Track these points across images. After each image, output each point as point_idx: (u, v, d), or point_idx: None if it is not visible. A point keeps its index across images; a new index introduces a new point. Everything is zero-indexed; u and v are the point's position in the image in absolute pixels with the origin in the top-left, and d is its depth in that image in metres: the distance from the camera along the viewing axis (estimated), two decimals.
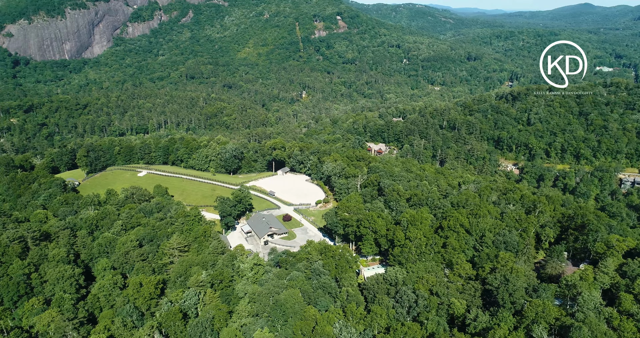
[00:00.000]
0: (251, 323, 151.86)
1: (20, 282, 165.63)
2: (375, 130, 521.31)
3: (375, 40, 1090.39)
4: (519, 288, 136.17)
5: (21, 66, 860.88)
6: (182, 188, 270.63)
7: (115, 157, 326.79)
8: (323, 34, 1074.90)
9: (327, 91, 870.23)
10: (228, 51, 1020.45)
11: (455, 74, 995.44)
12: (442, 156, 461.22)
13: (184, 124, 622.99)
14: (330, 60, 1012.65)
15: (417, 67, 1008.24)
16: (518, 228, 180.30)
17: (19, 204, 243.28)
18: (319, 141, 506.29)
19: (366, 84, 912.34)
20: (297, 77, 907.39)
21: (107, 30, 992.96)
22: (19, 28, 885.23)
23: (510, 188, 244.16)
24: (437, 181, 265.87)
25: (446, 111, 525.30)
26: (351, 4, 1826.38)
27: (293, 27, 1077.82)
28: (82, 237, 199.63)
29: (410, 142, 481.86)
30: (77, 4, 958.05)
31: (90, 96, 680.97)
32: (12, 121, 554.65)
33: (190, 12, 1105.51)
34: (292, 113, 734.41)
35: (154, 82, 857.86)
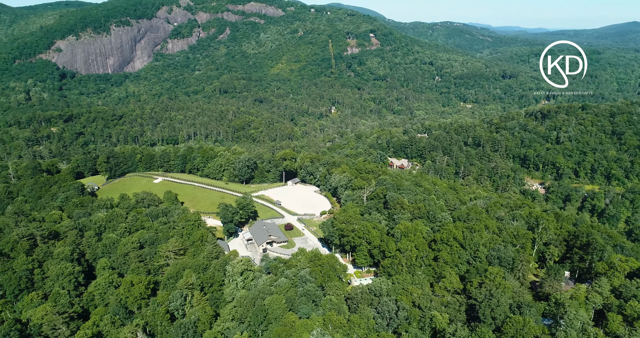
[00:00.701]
0: (233, 327, 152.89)
1: (22, 277, 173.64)
2: (398, 145, 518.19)
3: (407, 58, 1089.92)
4: (502, 304, 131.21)
5: (67, 79, 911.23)
6: (192, 195, 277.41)
7: (136, 164, 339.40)
8: (355, 51, 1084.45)
9: (356, 106, 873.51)
10: (262, 67, 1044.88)
11: (489, 91, 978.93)
12: (465, 173, 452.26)
13: (213, 136, 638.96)
14: (362, 76, 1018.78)
15: (449, 85, 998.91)
16: (515, 244, 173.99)
17: (38, 205, 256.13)
18: (341, 155, 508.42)
19: (396, 100, 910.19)
20: (327, 93, 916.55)
21: (148, 46, 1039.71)
22: (67, 44, 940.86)
23: (519, 205, 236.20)
24: (446, 195, 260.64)
25: (471, 128, 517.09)
26: (388, 22, 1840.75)
27: (326, 44, 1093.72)
28: (88, 237, 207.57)
29: (432, 158, 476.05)
30: (122, 21, 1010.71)
31: (127, 107, 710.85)
32: (52, 130, 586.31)
33: (227, 29, 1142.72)
34: (319, 128, 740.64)
35: (188, 96, 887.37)
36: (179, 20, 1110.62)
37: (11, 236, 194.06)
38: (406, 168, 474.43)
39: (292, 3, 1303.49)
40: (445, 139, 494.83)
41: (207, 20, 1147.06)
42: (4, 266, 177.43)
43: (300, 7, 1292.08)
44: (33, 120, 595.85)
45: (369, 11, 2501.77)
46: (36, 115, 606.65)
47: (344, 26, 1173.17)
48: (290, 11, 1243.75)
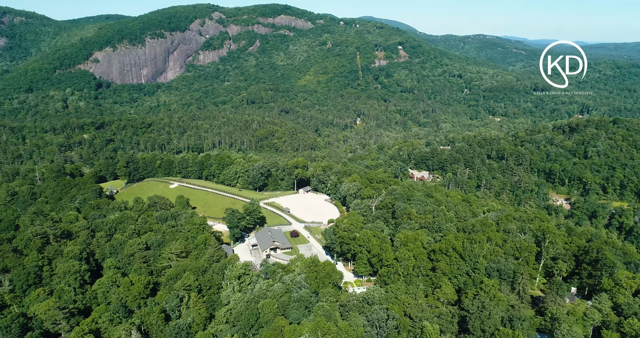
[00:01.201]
0: (225, 330, 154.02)
1: (30, 273, 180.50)
2: (419, 157, 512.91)
3: (436, 70, 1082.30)
4: (493, 317, 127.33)
5: (103, 88, 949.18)
6: (205, 201, 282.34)
7: (156, 170, 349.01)
8: (383, 63, 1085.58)
9: (381, 118, 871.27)
10: (289, 78, 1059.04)
11: (519, 105, 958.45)
12: (487, 186, 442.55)
13: (237, 145, 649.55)
14: (389, 88, 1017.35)
15: (478, 98, 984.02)
16: (518, 257, 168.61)
17: (58, 206, 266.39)
18: (361, 166, 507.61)
19: (422, 112, 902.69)
20: (353, 105, 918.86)
21: (181, 58, 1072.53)
22: (104, 55, 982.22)
23: (532, 218, 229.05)
24: (457, 207, 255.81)
25: (495, 141, 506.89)
26: (419, 35, 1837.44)
27: (354, 56, 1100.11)
28: (99, 238, 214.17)
29: (454, 170, 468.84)
30: (157, 33, 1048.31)
31: (156, 116, 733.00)
32: (84, 136, 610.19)
33: (257, 41, 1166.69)
34: (343, 139, 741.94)
35: (217, 106, 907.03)
36: (210, 32, 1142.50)
37: (25, 234, 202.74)
38: (427, 180, 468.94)
39: (322, 16, 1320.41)
40: (468, 152, 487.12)
41: (238, 32, 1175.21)
42: (16, 262, 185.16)
43: (329, 20, 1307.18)
44: (67, 127, 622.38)
45: (401, 24, 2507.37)
46: (70, 122, 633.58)
47: (373, 38, 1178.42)
48: (319, 24, 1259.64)
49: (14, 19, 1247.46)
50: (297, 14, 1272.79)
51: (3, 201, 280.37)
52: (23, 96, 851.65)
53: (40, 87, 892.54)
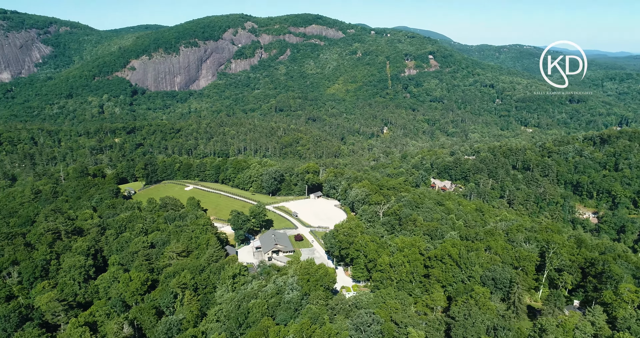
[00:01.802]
0: (215, 328, 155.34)
1: (38, 266, 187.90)
2: (442, 167, 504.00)
3: (467, 80, 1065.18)
4: (477, 325, 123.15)
5: (138, 95, 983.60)
6: (216, 203, 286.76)
7: (175, 173, 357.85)
8: (413, 73, 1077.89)
9: (408, 127, 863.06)
10: (318, 87, 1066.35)
11: (553, 116, 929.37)
12: (510, 197, 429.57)
13: (261, 152, 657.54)
14: (418, 97, 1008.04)
15: (509, 108, 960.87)
16: (517, 267, 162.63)
17: (76, 205, 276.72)
18: (383, 174, 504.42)
19: (451, 122, 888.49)
20: (381, 114, 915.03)
21: (213, 66, 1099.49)
22: (140, 63, 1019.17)
23: (542, 229, 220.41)
24: (468, 216, 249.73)
25: (521, 151, 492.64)
26: (453, 45, 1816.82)
27: (384, 65, 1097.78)
28: (108, 235, 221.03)
29: (476, 181, 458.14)
30: (191, 42, 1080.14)
31: (185, 122, 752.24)
32: (115, 140, 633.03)
33: (288, 50, 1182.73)
34: (367, 147, 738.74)
35: (245, 113, 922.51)
36: (243, 41, 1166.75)
37: (38, 229, 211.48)
38: (448, 190, 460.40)
39: (353, 26, 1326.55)
40: (492, 162, 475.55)
41: (269, 41, 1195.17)
42: (26, 255, 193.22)
43: (360, 29, 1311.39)
44: (100, 131, 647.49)
45: (436, 34, 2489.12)
46: (103, 127, 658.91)
47: (403, 48, 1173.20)
48: (350, 33, 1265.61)
49: (60, 28, 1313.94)
50: (328, 24, 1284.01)
51: (27, 198, 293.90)
52: (63, 102, 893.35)
53: (79, 93, 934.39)
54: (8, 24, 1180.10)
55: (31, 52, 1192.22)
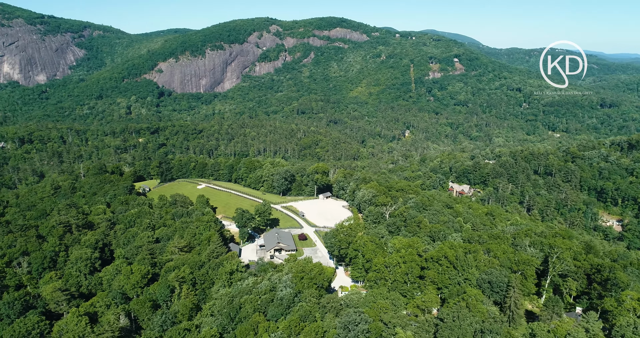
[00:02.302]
0: (208, 322, 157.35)
1: (47, 257, 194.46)
2: (461, 171, 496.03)
3: (493, 83, 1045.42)
4: (464, 328, 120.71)
5: (165, 96, 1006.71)
6: (226, 202, 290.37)
7: (190, 171, 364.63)
8: (437, 76, 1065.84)
9: (431, 131, 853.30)
10: (341, 90, 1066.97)
11: (582, 121, 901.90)
12: (530, 202, 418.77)
13: (280, 153, 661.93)
14: (441, 101, 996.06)
15: (537, 112, 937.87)
16: (516, 270, 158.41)
17: (91, 200, 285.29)
18: (400, 177, 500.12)
19: (475, 126, 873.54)
20: (403, 117, 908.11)
21: (238, 69, 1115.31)
22: (167, 65, 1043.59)
23: (552, 234, 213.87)
24: (477, 219, 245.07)
25: (543, 156, 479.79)
26: (482, 49, 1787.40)
27: (407, 68, 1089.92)
28: (117, 230, 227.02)
29: (495, 185, 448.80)
30: (216, 45, 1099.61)
31: (207, 123, 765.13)
32: (139, 140, 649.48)
33: (312, 54, 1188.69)
34: (387, 150, 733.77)
35: (268, 115, 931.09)
36: (267, 44, 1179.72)
37: (50, 222, 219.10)
38: (466, 194, 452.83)
39: (378, 29, 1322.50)
40: (512, 167, 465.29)
41: (293, 45, 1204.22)
42: (36, 246, 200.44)
43: (385, 32, 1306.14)
44: (125, 131, 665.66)
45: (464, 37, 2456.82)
46: (128, 127, 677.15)
47: (428, 51, 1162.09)
48: (374, 36, 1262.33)
49: (93, 32, 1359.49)
50: (352, 27, 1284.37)
51: (47, 193, 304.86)
52: (93, 103, 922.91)
53: (109, 94, 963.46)
54: (45, 28, 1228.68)
55: (66, 55, 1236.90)
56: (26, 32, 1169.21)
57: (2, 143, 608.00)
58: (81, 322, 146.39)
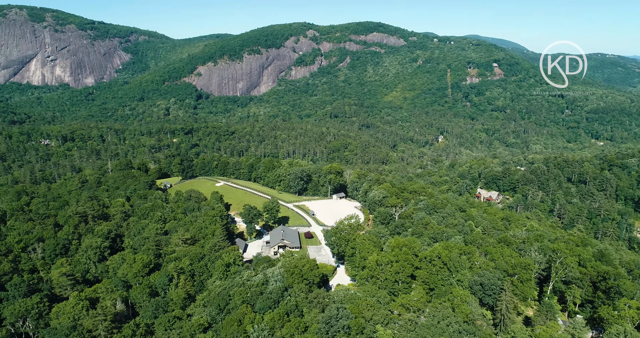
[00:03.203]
0: (200, 312, 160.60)
1: (59, 244, 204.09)
2: (490, 177, 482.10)
3: (534, 89, 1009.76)
4: (442, 327, 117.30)
5: (202, 99, 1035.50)
6: (241, 199, 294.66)
7: (213, 170, 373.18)
8: (475, 81, 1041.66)
9: (465, 136, 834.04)
10: (375, 94, 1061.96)
11: (630, 129, 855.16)
12: (561, 211, 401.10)
13: (309, 156, 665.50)
14: (478, 107, 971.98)
15: (579, 119, 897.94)
16: (512, 274, 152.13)
17: (113, 194, 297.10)
18: (427, 182, 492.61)
19: (512, 133, 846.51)
20: (437, 122, 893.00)
21: (274, 73, 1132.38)
22: (206, 69, 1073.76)
23: (565, 240, 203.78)
24: (486, 223, 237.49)
25: (578, 163, 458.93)
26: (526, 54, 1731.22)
27: (444, 73, 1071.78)
28: (130, 222, 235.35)
29: (524, 192, 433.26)
30: (254, 50, 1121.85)
31: (240, 125, 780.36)
32: (173, 140, 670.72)
33: (347, 58, 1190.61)
34: (418, 155, 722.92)
35: (301, 119, 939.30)
36: (304, 49, 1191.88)
37: (67, 212, 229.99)
38: (494, 201, 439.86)
39: (415, 33, 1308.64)
40: (544, 174, 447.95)
41: (329, 49, 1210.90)
42: (51, 234, 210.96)
43: (422, 37, 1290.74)
44: (160, 131, 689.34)
45: (509, 43, 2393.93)
46: (164, 127, 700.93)
47: (467, 55, 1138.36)
48: (412, 41, 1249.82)
49: (139, 37, 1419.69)
50: (389, 32, 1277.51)
51: (75, 186, 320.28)
52: (134, 104, 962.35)
53: (150, 96, 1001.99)
54: (95, 34, 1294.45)
55: (113, 59, 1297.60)
56: (77, 37, 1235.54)
57: (48, 140, 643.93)
58: (78, 305, 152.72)
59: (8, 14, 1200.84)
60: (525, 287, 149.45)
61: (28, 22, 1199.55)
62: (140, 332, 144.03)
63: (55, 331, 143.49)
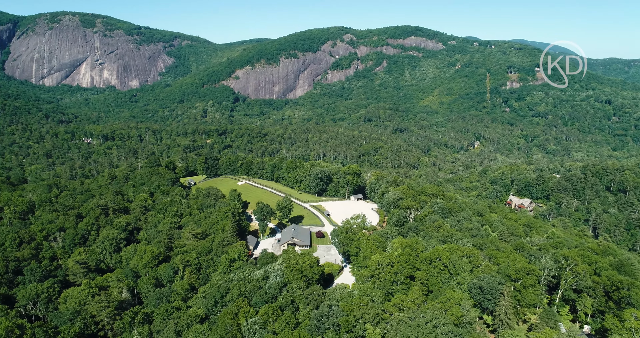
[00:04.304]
0: (198, 304, 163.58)
1: (78, 234, 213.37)
2: (523, 184, 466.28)
3: (579, 94, 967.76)
4: (427, 328, 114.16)
5: (239, 102, 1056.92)
6: (260, 197, 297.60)
7: (237, 169, 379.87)
8: (516, 86, 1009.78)
9: (502, 142, 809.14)
10: (411, 99, 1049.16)
11: None
12: (596, 221, 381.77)
13: (339, 158, 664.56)
14: (518, 112, 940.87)
15: (628, 126, 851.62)
16: (515, 279, 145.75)
17: (139, 190, 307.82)
18: (456, 187, 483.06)
19: (553, 139, 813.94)
20: (474, 127, 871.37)
21: (310, 76, 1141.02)
22: (244, 72, 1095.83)
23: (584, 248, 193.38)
24: (501, 227, 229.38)
25: (618, 171, 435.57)
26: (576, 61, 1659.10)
27: (483, 77, 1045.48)
28: (148, 216, 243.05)
29: (558, 200, 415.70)
30: (290, 54, 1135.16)
31: (273, 128, 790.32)
32: (207, 141, 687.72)
33: (384, 62, 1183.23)
34: (451, 160, 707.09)
35: (335, 122, 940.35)
36: (340, 53, 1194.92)
37: (89, 204, 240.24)
38: (526, 208, 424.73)
39: (454, 37, 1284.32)
40: (580, 181, 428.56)
41: (366, 53, 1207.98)
42: (72, 224, 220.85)
43: (462, 41, 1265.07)
44: (195, 132, 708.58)
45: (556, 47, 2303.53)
46: (198, 128, 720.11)
47: (507, 60, 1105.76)
48: (451, 45, 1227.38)
49: (182, 42, 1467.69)
50: (428, 36, 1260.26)
51: (105, 182, 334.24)
52: (174, 106, 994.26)
53: (189, 99, 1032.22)
54: (141, 38, 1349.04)
55: (157, 63, 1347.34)
56: (124, 42, 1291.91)
57: (90, 139, 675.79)
58: (84, 291, 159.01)
59: (62, 20, 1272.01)
60: (529, 293, 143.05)
61: (80, 27, 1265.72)
62: (138, 319, 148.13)
63: (60, 314, 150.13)
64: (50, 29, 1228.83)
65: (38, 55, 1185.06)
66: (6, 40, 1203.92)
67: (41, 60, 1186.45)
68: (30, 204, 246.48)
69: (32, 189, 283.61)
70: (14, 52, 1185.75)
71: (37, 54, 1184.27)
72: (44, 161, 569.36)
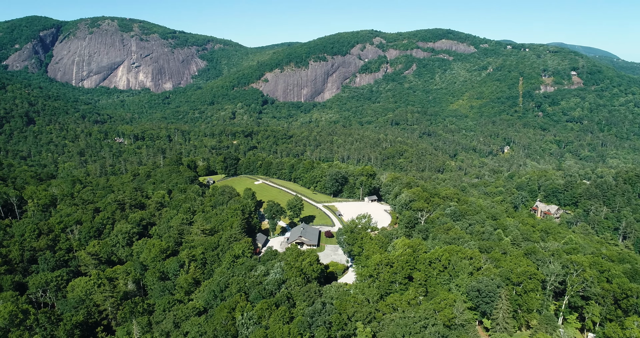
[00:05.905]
0: (199, 297, 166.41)
1: (94, 227, 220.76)
2: (550, 190, 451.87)
3: (617, 99, 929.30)
4: (415, 328, 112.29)
5: (268, 104, 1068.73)
6: (273, 197, 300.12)
7: (257, 169, 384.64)
8: (550, 90, 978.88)
9: (533, 148, 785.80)
10: (440, 102, 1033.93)
11: None
12: (627, 229, 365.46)
13: (363, 161, 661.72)
14: (551, 117, 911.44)
15: None
16: (517, 283, 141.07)
17: (158, 187, 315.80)
18: (480, 192, 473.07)
19: (587, 145, 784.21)
20: (504, 132, 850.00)
21: (338, 79, 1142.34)
22: (273, 75, 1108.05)
23: (599, 255, 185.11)
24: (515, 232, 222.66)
25: None
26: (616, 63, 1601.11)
27: (515, 81, 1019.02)
28: (162, 211, 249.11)
29: (586, 208, 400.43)
30: (319, 57, 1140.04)
31: (298, 130, 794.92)
32: (233, 142, 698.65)
33: (414, 65, 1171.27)
34: (479, 165, 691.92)
35: (362, 125, 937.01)
36: (369, 56, 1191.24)
37: (107, 199, 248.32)
38: (552, 215, 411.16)
39: (487, 40, 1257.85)
40: (610, 188, 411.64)
41: (395, 56, 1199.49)
42: (89, 218, 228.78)
43: (494, 44, 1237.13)
44: (222, 133, 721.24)
45: (597, 51, 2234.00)
46: (225, 129, 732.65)
47: (542, 63, 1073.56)
48: (483, 48, 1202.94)
49: (215, 46, 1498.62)
50: (459, 39, 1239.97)
51: (127, 179, 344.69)
52: (204, 108, 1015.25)
53: (219, 101, 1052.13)
54: (175, 42, 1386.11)
55: (190, 66, 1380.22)
56: (159, 46, 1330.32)
57: (121, 138, 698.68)
58: (90, 281, 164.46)
59: (102, 24, 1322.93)
60: (529, 297, 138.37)
61: (118, 32, 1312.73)
62: (138, 309, 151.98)
63: (66, 302, 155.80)
64: (90, 34, 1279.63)
65: (78, 58, 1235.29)
66: (49, 44, 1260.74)
67: (81, 63, 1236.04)
68: (53, 198, 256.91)
69: (58, 185, 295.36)
70: (57, 55, 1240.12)
71: (78, 58, 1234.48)
72: (77, 159, 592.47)
